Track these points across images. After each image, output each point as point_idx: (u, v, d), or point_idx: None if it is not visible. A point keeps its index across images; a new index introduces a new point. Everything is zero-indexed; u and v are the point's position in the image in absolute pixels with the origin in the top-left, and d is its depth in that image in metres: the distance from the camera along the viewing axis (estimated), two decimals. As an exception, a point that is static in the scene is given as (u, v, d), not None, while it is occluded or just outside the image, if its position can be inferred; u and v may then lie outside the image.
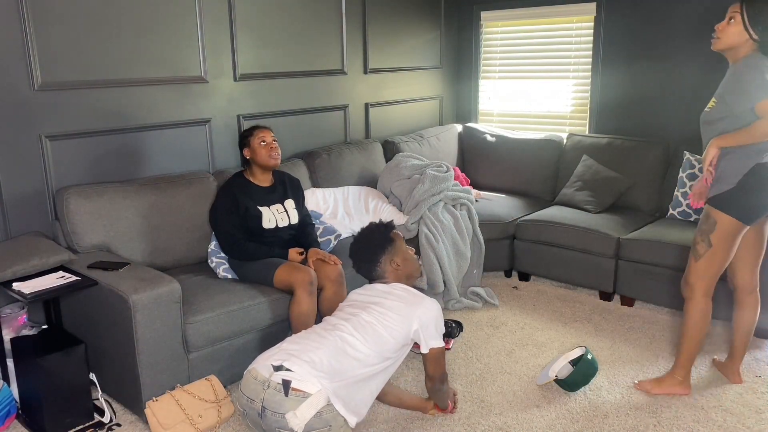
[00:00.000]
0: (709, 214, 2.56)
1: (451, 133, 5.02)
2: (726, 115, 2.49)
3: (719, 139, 2.49)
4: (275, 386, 1.87)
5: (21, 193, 2.93)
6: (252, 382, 1.94)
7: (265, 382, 1.90)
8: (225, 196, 3.09)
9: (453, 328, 3.40)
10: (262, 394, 1.89)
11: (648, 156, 4.20)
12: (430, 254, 3.62)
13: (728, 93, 2.47)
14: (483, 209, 4.17)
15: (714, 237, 2.54)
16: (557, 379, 2.81)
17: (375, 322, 2.20)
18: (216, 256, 3.17)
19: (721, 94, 2.51)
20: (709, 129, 2.58)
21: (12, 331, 2.76)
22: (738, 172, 2.48)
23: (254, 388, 1.92)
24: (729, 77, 2.50)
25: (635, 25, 4.38)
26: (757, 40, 2.43)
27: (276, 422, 1.87)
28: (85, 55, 3.04)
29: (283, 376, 1.89)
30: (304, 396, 1.86)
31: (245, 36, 3.70)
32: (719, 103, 2.52)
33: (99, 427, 2.62)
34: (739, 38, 2.45)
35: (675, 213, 3.94)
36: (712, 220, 2.54)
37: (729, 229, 2.52)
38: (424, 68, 5.04)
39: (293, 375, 1.90)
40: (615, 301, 3.86)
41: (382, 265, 2.42)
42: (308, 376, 1.91)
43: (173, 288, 2.57)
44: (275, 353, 2.02)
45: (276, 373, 1.90)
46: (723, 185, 2.52)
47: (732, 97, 2.45)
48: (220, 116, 3.66)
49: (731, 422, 2.62)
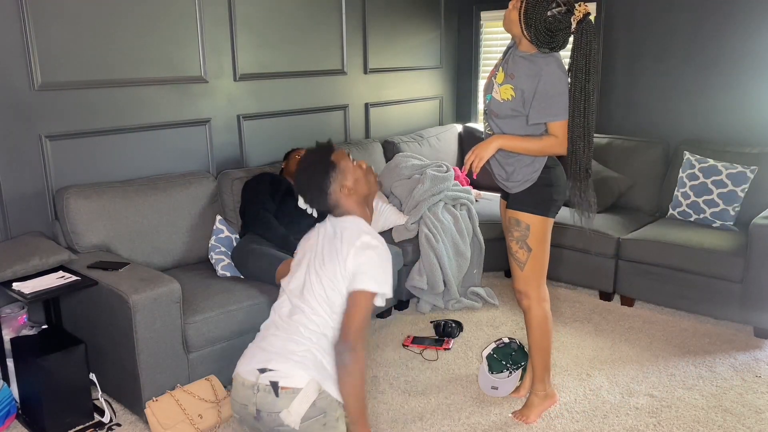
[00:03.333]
0: (518, 220, 2.49)
1: (451, 133, 5.02)
2: (520, 114, 2.40)
3: (505, 138, 2.39)
4: (264, 388, 1.87)
5: (21, 193, 2.93)
6: (241, 389, 1.93)
7: (253, 386, 1.89)
8: (273, 179, 3.33)
9: (453, 328, 3.40)
10: (254, 398, 1.88)
11: (648, 156, 4.20)
12: (430, 254, 3.62)
13: (529, 93, 2.36)
14: (483, 209, 4.17)
15: (531, 240, 2.48)
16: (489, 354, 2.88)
17: (319, 287, 2.02)
18: (216, 252, 3.18)
19: (523, 91, 2.38)
20: (499, 121, 2.46)
21: (12, 331, 2.76)
22: (532, 171, 2.45)
23: (245, 393, 1.91)
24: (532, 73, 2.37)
25: (635, 25, 4.38)
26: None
27: (273, 421, 1.87)
28: (85, 55, 3.04)
29: (269, 377, 1.88)
30: (295, 392, 1.86)
31: (245, 36, 3.70)
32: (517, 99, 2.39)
33: (99, 427, 2.62)
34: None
35: (675, 213, 3.94)
36: (523, 225, 2.48)
37: (542, 228, 2.48)
38: (424, 68, 5.04)
39: (279, 374, 1.89)
40: (615, 301, 3.86)
41: (332, 195, 2.11)
42: (294, 371, 1.89)
43: (173, 288, 2.57)
44: (256, 354, 1.99)
45: (262, 375, 1.89)
46: (519, 185, 2.47)
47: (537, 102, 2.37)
48: (220, 116, 3.66)
49: (731, 422, 2.62)
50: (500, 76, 2.43)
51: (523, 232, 2.48)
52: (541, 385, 2.67)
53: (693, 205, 3.84)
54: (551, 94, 2.34)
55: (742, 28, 3.95)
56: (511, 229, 2.52)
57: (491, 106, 2.45)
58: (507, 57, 2.46)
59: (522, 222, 2.48)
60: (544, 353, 2.63)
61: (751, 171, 3.70)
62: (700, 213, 3.81)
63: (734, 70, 4.01)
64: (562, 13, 2.27)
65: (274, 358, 1.92)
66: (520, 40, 2.39)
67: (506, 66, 2.42)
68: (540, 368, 2.65)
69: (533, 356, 2.65)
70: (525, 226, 2.48)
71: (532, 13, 2.28)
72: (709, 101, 4.13)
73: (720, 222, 3.74)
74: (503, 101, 2.40)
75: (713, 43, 4.06)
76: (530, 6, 2.28)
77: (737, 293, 3.36)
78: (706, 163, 3.84)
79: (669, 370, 3.05)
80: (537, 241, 2.49)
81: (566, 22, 2.29)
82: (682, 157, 3.99)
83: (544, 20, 2.27)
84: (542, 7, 2.27)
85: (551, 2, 2.27)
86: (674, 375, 3.00)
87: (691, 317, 3.62)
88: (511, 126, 2.42)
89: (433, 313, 3.73)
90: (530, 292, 2.55)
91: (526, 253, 2.50)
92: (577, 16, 2.28)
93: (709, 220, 3.77)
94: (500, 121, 2.44)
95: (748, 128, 4.02)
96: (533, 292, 2.55)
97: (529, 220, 2.47)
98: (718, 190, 3.75)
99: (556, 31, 2.29)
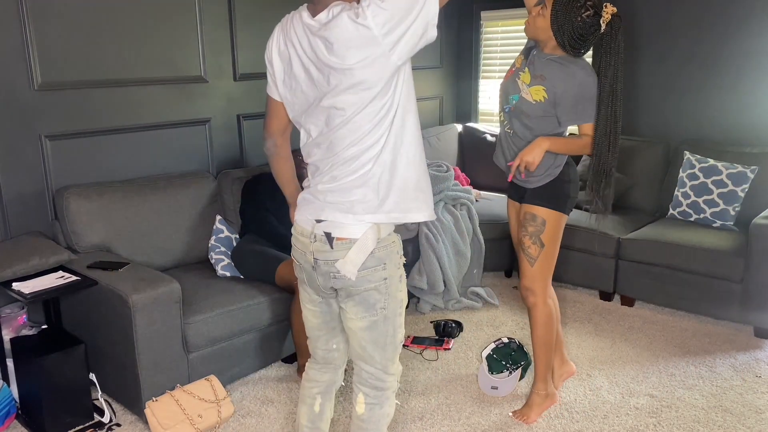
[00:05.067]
0: (535, 215, 2.50)
1: (451, 133, 5.02)
2: (552, 115, 2.42)
3: (550, 141, 2.39)
4: (320, 238, 1.80)
5: (21, 193, 2.93)
6: (300, 238, 1.87)
7: (310, 235, 1.82)
8: (273, 179, 3.33)
9: (453, 328, 3.40)
10: (311, 247, 1.82)
11: (648, 156, 4.20)
12: (430, 254, 3.62)
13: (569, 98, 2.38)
14: (483, 209, 4.17)
15: (545, 236, 2.49)
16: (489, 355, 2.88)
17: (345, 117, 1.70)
18: (216, 252, 3.18)
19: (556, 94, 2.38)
20: (530, 121, 2.45)
21: (12, 331, 2.76)
22: (555, 166, 2.47)
23: (303, 241, 1.85)
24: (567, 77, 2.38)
25: (635, 24, 4.38)
26: None
27: (329, 269, 1.81)
28: (85, 55, 3.04)
29: (324, 228, 1.79)
30: (350, 242, 1.77)
31: (245, 36, 3.70)
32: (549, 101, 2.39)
33: (99, 427, 2.62)
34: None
35: (675, 213, 3.94)
36: (540, 220, 2.49)
37: (557, 224, 2.50)
38: (424, 68, 5.03)
39: (333, 225, 1.78)
40: (615, 301, 3.86)
41: None
42: (349, 221, 1.77)
43: (173, 288, 2.57)
44: (313, 203, 1.83)
45: (318, 224, 1.80)
46: (541, 179, 2.49)
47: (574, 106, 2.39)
48: (220, 116, 3.66)
49: (731, 422, 2.62)
50: (526, 76, 2.43)
51: (539, 228, 2.49)
52: (543, 384, 2.67)
53: (693, 205, 3.84)
54: (587, 98, 2.36)
55: (742, 28, 3.95)
56: (526, 225, 2.52)
57: (522, 106, 2.44)
58: (531, 59, 2.45)
59: (538, 217, 2.49)
60: (547, 351, 2.62)
61: (752, 171, 3.70)
62: (700, 213, 3.81)
63: (734, 70, 4.01)
64: (591, 17, 2.29)
65: (328, 206, 1.80)
66: (545, 44, 2.40)
67: (532, 68, 2.42)
68: (542, 367, 2.65)
69: (536, 355, 2.64)
70: (541, 221, 2.49)
71: (562, 19, 2.29)
72: (709, 101, 4.13)
73: (720, 222, 3.74)
74: (536, 102, 2.40)
75: (713, 43, 4.06)
76: (560, 12, 2.29)
77: (737, 293, 3.36)
78: (706, 163, 3.84)
79: (669, 370, 3.05)
80: (550, 237, 2.50)
81: (596, 24, 2.30)
82: (683, 157, 3.99)
83: (576, 25, 2.29)
84: (572, 12, 2.28)
85: (581, 7, 2.28)
86: (674, 375, 3.00)
87: (691, 317, 3.62)
88: (541, 126, 2.43)
89: (433, 313, 3.73)
90: (537, 290, 2.56)
91: (539, 249, 2.51)
92: (605, 18, 2.30)
93: (710, 220, 3.77)
94: (531, 121, 2.44)
95: (748, 128, 4.01)
96: (540, 290, 2.56)
97: (545, 215, 2.48)
98: (718, 190, 3.75)
99: (587, 35, 2.31)
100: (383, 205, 1.75)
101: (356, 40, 1.60)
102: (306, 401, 2.06)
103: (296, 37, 1.75)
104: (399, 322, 1.88)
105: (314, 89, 1.73)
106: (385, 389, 1.92)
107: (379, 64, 1.62)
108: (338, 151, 1.73)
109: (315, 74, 1.71)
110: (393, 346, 1.89)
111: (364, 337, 1.85)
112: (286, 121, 1.97)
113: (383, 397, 1.93)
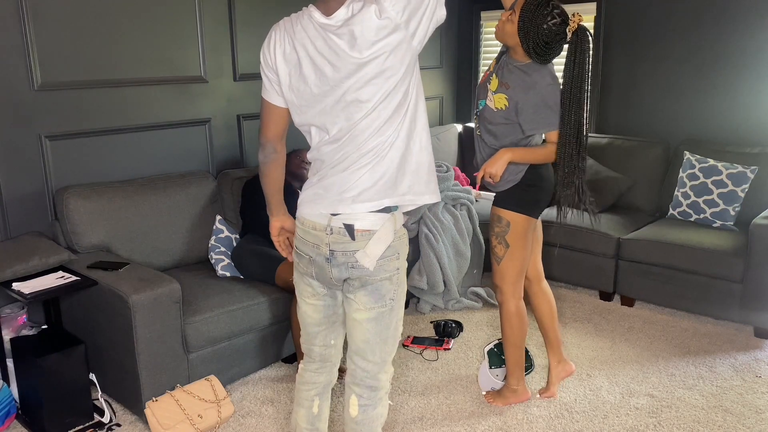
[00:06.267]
0: (500, 217, 2.55)
1: (451, 133, 5.02)
2: (514, 122, 2.45)
3: (512, 152, 2.44)
4: (338, 231, 1.78)
5: (21, 193, 2.93)
6: (312, 232, 1.83)
7: (326, 228, 1.79)
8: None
9: (453, 328, 3.40)
10: (327, 239, 1.79)
11: (648, 156, 4.20)
12: (430, 254, 3.62)
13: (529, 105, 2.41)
14: (483, 209, 4.17)
15: (509, 237, 2.54)
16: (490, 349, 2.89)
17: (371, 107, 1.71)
18: (216, 252, 3.18)
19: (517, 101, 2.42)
20: (492, 127, 2.51)
21: (12, 331, 2.76)
22: (516, 172, 2.50)
23: (316, 235, 1.81)
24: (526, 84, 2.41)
25: (635, 25, 4.38)
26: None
27: (347, 260, 1.79)
28: (85, 55, 3.04)
29: (343, 220, 1.78)
30: (371, 233, 1.77)
31: (245, 36, 3.70)
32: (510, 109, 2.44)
33: (99, 427, 2.62)
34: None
35: (675, 213, 3.94)
36: (504, 222, 2.54)
37: (522, 227, 2.53)
38: (424, 68, 5.03)
39: (353, 217, 1.77)
40: (615, 301, 3.86)
41: None
42: (367, 211, 1.77)
43: (173, 288, 2.57)
44: (325, 198, 1.81)
45: (335, 217, 1.78)
46: (504, 184, 2.53)
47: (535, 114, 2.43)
48: (220, 116, 3.66)
49: (731, 422, 2.62)
50: (494, 83, 2.48)
51: (504, 229, 2.55)
52: (513, 379, 2.73)
53: (693, 205, 3.84)
54: (548, 106, 2.40)
55: (742, 28, 3.95)
56: (493, 225, 2.59)
57: (484, 113, 2.51)
58: (501, 64, 2.50)
59: (503, 219, 2.54)
60: (514, 349, 2.69)
61: (752, 171, 3.70)
62: (700, 213, 3.81)
63: (734, 70, 4.01)
64: (557, 25, 2.32)
65: (344, 199, 1.79)
66: (514, 50, 2.43)
67: (500, 73, 2.47)
68: (511, 363, 2.71)
69: (506, 350, 2.71)
70: (506, 223, 2.54)
71: (529, 25, 2.32)
72: (709, 101, 4.13)
73: (720, 222, 3.74)
74: (496, 110, 2.45)
75: (713, 43, 4.06)
76: (527, 19, 2.32)
77: (737, 293, 3.36)
78: (706, 163, 3.84)
79: (669, 370, 3.05)
80: (516, 238, 2.54)
81: (562, 33, 2.33)
82: (682, 157, 3.99)
83: (541, 32, 2.31)
84: (539, 19, 2.31)
85: (547, 15, 2.31)
86: (674, 375, 3.00)
87: (691, 317, 3.62)
88: (505, 132, 2.48)
89: (433, 313, 3.73)
90: (504, 288, 2.62)
91: (504, 249, 2.57)
92: (571, 26, 2.33)
93: (710, 220, 3.77)
94: (492, 128, 2.50)
95: (748, 128, 4.01)
96: (507, 288, 2.61)
97: (510, 217, 2.53)
98: (718, 190, 3.75)
99: (552, 43, 2.34)
100: (398, 188, 1.77)
101: (382, 30, 1.64)
102: (303, 404, 2.05)
103: (308, 39, 1.73)
104: (401, 315, 1.91)
105: (328, 88, 1.73)
106: (379, 389, 1.92)
107: (401, 51, 1.66)
108: (359, 142, 1.73)
109: (330, 73, 1.71)
110: (393, 340, 1.90)
111: (369, 329, 1.85)
112: (286, 126, 1.99)
113: (376, 397, 1.93)
